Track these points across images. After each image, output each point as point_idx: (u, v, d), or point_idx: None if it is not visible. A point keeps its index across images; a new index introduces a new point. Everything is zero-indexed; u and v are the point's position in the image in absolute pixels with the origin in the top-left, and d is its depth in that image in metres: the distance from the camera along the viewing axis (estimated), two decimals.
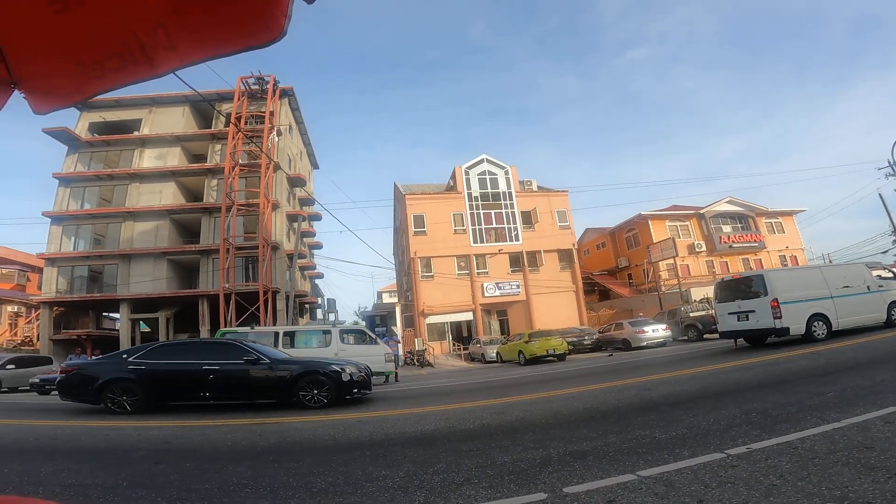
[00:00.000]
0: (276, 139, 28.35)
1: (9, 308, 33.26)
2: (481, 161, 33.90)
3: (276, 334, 14.65)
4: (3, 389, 17.34)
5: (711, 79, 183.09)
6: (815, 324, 11.63)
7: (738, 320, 12.62)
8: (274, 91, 28.53)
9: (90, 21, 1.24)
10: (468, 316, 31.28)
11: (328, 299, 32.63)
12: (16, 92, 1.46)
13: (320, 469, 4.09)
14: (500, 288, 31.53)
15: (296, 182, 32.23)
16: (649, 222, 36.36)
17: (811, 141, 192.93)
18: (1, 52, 1.37)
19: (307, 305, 35.77)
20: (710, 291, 19.34)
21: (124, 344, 25.27)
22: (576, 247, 34.41)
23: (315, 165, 42.51)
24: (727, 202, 37.93)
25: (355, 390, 8.64)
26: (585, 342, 23.08)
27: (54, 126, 27.09)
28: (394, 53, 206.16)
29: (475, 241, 32.09)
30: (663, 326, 20.44)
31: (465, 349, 27.94)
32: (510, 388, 9.91)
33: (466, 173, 33.33)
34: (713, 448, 3.75)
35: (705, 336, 20.65)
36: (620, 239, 40.43)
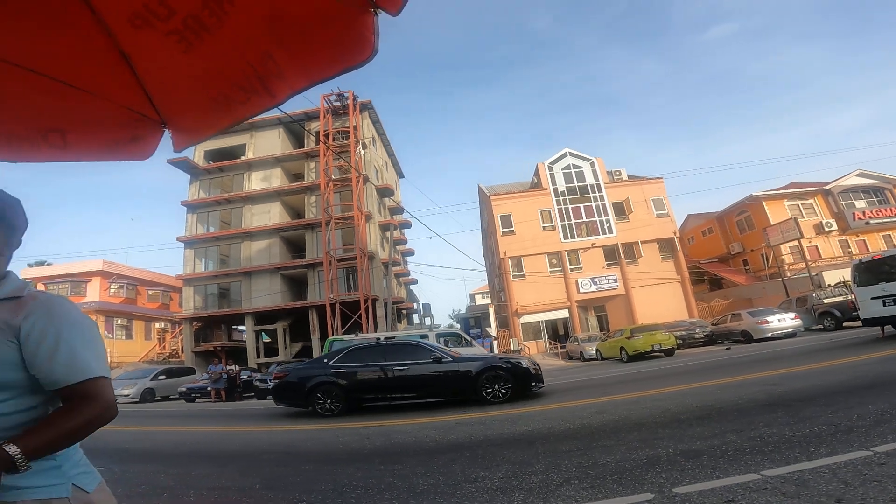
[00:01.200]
0: (362, 152, 29.87)
1: (157, 325, 38.66)
2: (564, 155, 32.85)
3: (377, 340, 15.37)
4: (157, 398, 19.70)
5: (816, 48, 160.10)
6: None
7: (885, 305, 10.84)
8: (354, 106, 30.07)
9: (210, 56, 1.35)
10: (563, 314, 30.37)
11: (423, 304, 33.57)
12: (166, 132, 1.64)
13: (422, 470, 4.21)
14: (595, 283, 30.22)
15: (384, 192, 33.70)
16: (763, 203, 32.63)
17: None
18: (148, 95, 1.54)
19: (404, 311, 37.13)
20: (846, 274, 16.85)
21: (251, 353, 28.05)
22: (677, 235, 31.89)
23: (400, 174, 44.05)
24: (857, 175, 32.87)
25: (533, 384, 8.70)
26: (697, 335, 21.25)
27: (177, 157, 30.94)
28: (459, 55, 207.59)
29: (565, 237, 31.10)
30: (791, 315, 18.15)
31: (561, 347, 27.15)
32: (612, 385, 9.44)
33: (550, 169, 32.49)
34: (857, 446, 3.28)
35: (845, 324, 18.00)
36: (730, 223, 36.74)
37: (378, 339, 15.49)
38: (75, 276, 34.64)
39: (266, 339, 30.21)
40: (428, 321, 29.59)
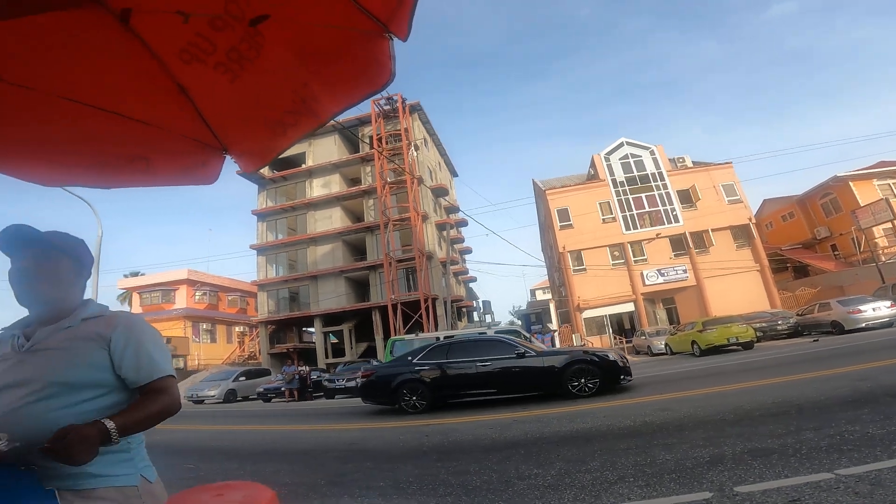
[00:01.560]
0: (415, 154, 30.30)
1: (236, 329, 41.37)
2: (620, 145, 31.76)
3: (438, 339, 15.56)
4: (238, 399, 20.84)
5: (890, 25, 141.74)
6: None
7: None
8: (403, 108, 30.51)
9: (256, 85, 1.46)
10: (629, 307, 29.23)
11: (483, 301, 33.57)
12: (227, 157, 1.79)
13: (477, 468, 4.27)
14: (662, 275, 28.82)
15: (439, 192, 34.03)
16: (850, 184, 29.64)
17: None
18: (208, 125, 1.68)
19: (464, 309, 37.29)
20: None
21: (320, 354, 29.34)
22: (753, 221, 29.68)
23: (454, 173, 44.18)
24: None
25: (622, 377, 8.42)
26: (780, 327, 19.69)
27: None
28: (503, 51, 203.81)
29: (627, 229, 29.92)
30: (887, 303, 16.35)
31: (628, 342, 26.17)
32: (680, 381, 9.01)
33: (606, 160, 31.51)
34: None
35: None
36: (814, 206, 33.64)
37: (438, 338, 15.68)
38: (165, 285, 37.82)
39: (333, 339, 31.45)
40: (488, 318, 29.57)
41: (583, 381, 8.07)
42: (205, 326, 38.20)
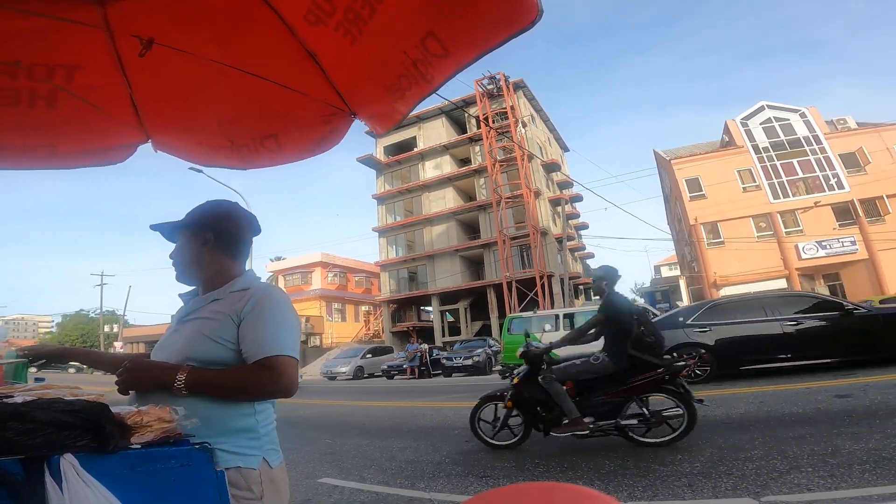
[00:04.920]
0: (523, 131, 29.44)
1: (363, 308, 44.43)
2: (760, 109, 28.07)
3: (556, 317, 15.13)
4: (365, 376, 21.78)
5: None
6: None
7: None
8: (507, 86, 29.73)
9: (373, 46, 1.38)
10: (779, 283, 25.57)
11: None
12: (357, 121, 1.75)
13: (608, 451, 4.00)
14: (823, 247, 24.75)
15: (550, 168, 32.78)
16: None
17: None
18: (336, 89, 1.65)
19: (581, 287, 35.86)
20: None
21: (437, 332, 30.30)
22: None
23: (565, 148, 42.28)
24: None
25: None
26: None
27: (363, 154, 34.44)
28: (607, 23, 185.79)
29: (776, 197, 26.11)
30: None
31: None
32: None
33: (744, 125, 28.06)
34: None
35: None
36: None
37: (556, 315, 15.25)
38: (303, 268, 41.67)
39: (450, 318, 32.32)
40: None
41: None
42: (336, 306, 41.55)
